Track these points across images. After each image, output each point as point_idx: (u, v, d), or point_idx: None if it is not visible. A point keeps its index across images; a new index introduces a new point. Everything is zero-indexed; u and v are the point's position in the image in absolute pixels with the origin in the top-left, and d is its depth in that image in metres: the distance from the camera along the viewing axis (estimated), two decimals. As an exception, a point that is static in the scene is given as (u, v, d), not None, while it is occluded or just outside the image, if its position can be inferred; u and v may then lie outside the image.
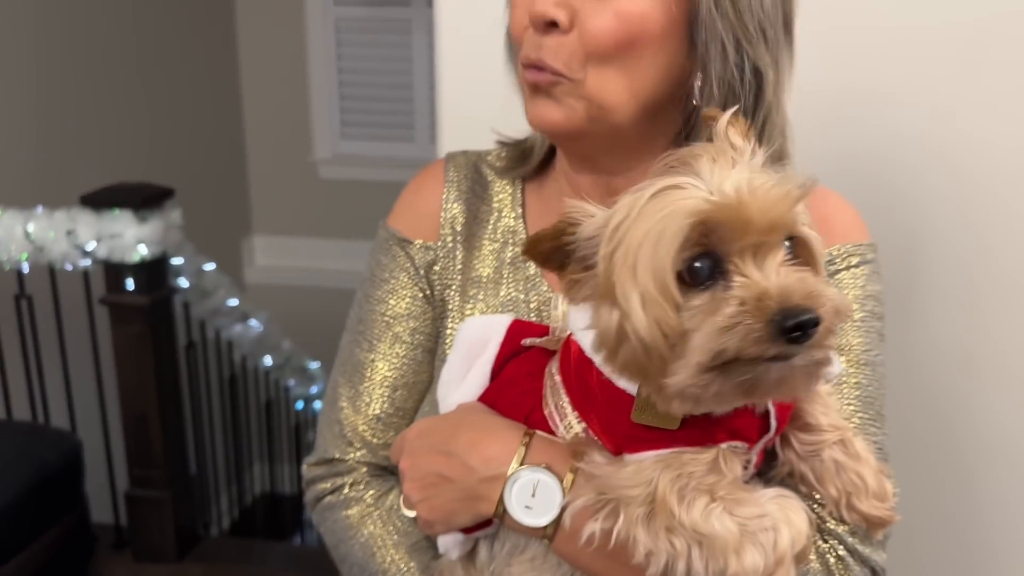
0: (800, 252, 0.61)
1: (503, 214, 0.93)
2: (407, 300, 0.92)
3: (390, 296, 0.92)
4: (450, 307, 0.91)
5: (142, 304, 2.60)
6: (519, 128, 0.94)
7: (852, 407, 0.84)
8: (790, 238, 0.60)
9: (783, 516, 0.64)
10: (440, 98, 1.41)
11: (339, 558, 0.91)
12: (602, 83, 0.76)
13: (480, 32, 1.36)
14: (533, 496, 0.71)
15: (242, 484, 3.33)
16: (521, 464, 0.71)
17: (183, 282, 2.74)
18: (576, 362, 0.70)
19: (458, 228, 0.92)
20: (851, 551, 0.77)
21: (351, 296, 0.99)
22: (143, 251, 2.52)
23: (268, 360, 3.13)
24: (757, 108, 0.79)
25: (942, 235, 1.33)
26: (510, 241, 0.92)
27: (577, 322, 0.70)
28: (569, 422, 0.71)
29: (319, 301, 4.39)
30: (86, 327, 2.73)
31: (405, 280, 0.92)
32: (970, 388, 1.40)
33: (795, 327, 0.55)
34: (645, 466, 0.64)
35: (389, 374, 0.91)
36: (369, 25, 4.24)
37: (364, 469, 0.91)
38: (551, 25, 0.76)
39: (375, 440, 0.91)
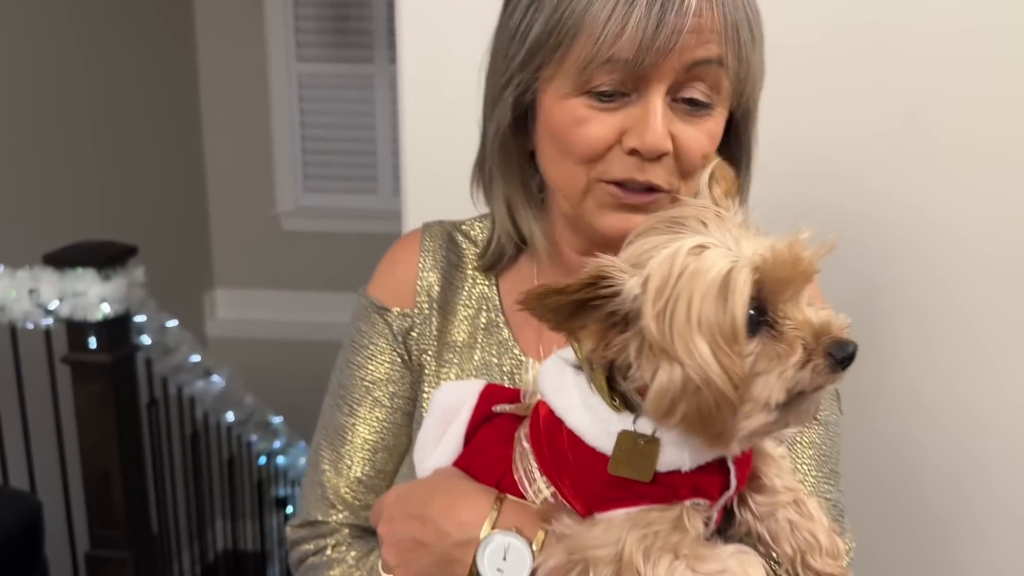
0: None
1: (477, 281, 0.97)
2: (386, 365, 0.96)
3: (369, 362, 0.96)
4: (427, 372, 0.95)
5: (104, 362, 2.59)
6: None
7: (807, 466, 0.88)
8: None
9: (742, 572, 0.67)
10: (404, 152, 1.46)
11: None
12: (688, 190, 0.82)
13: (442, 85, 1.42)
14: (504, 559, 0.74)
15: (204, 541, 3.29)
16: (493, 528, 0.74)
17: (146, 339, 2.74)
18: (546, 425, 0.73)
19: (434, 295, 0.96)
20: None
21: (314, 348, 1.03)
22: (106, 309, 2.52)
23: (230, 416, 3.12)
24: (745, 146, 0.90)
25: (898, 285, 1.40)
26: (484, 307, 0.96)
27: (547, 383, 0.74)
28: (538, 486, 0.74)
29: (282, 353, 4.38)
30: (47, 386, 2.71)
31: (384, 346, 0.96)
32: (928, 435, 1.46)
33: (848, 357, 0.62)
34: (614, 524, 0.67)
35: (370, 437, 0.94)
36: (332, 80, 4.31)
37: (346, 531, 0.94)
38: (661, 155, 0.81)
39: (357, 502, 0.94)
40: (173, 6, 4.15)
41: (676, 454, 0.68)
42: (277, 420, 3.36)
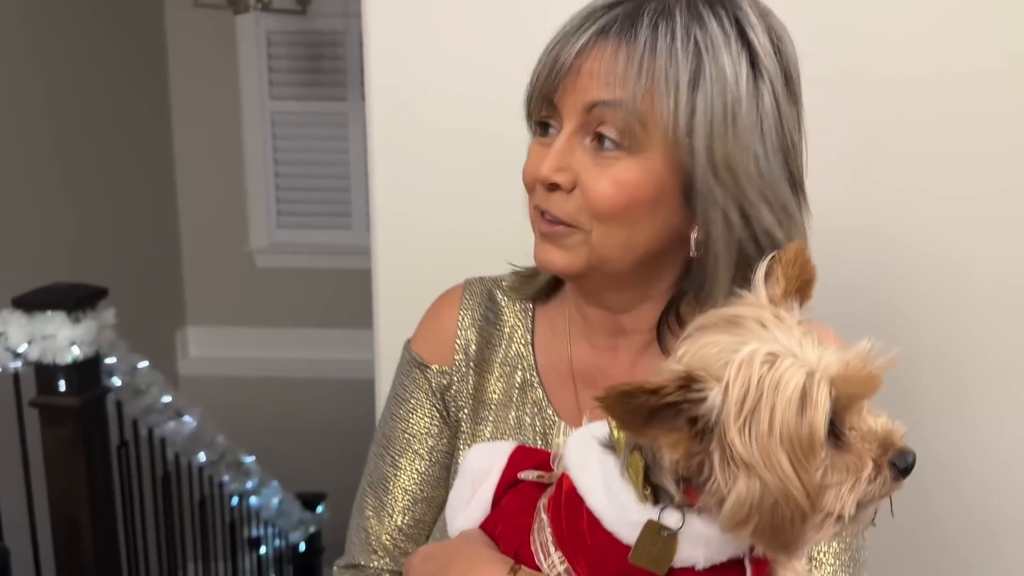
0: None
1: (514, 339, 1.00)
2: (426, 420, 0.99)
3: (411, 415, 1.00)
4: (463, 428, 0.99)
5: (74, 405, 2.56)
6: (451, 213, 1.05)
7: (826, 554, 0.88)
8: None
9: None
10: (373, 190, 1.47)
11: None
12: (605, 237, 0.83)
13: (411, 122, 1.44)
14: None
15: (176, 585, 3.24)
16: None
17: (116, 381, 2.71)
18: (567, 500, 0.74)
19: (471, 353, 0.99)
20: None
21: (287, 385, 1.05)
22: (76, 352, 2.50)
23: (202, 456, 3.08)
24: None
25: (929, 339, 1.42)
26: (519, 366, 0.98)
27: (572, 458, 0.74)
28: (552, 560, 0.75)
29: (255, 391, 4.35)
30: (15, 430, 2.68)
31: (423, 401, 1.00)
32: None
33: (909, 467, 0.63)
34: None
35: (410, 488, 0.98)
36: (305, 118, 4.33)
37: (387, 575, 0.98)
38: (554, 186, 0.84)
39: (397, 550, 0.98)
40: (145, 45, 4.16)
41: (691, 550, 0.68)
42: (249, 460, 3.32)
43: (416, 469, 0.99)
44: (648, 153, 0.81)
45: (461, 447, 0.98)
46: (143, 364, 2.79)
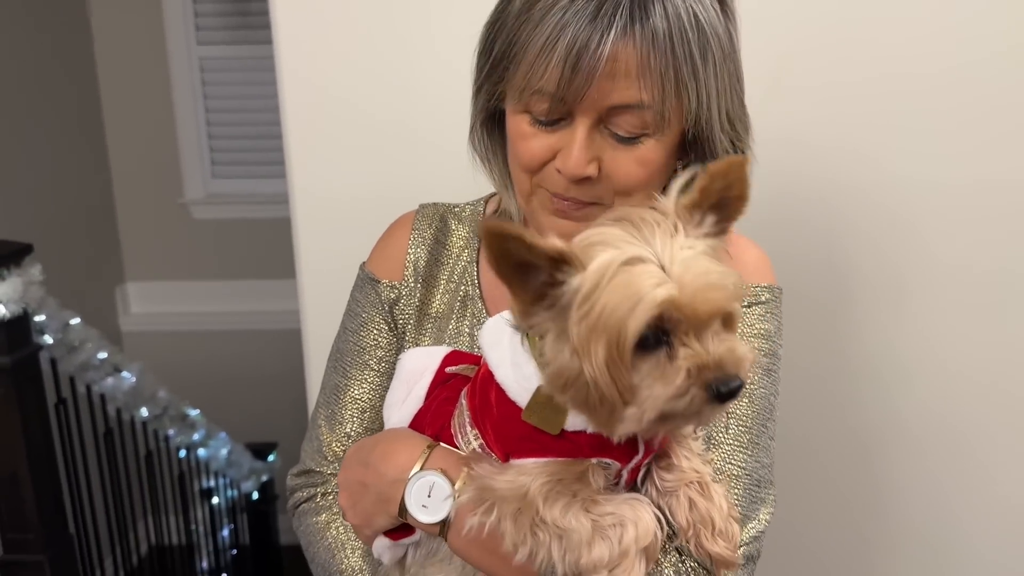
0: (727, 322, 0.70)
1: (461, 257, 1.06)
2: (375, 332, 1.04)
3: (362, 329, 1.05)
4: (407, 339, 1.04)
5: (5, 364, 2.52)
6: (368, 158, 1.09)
7: (723, 434, 0.92)
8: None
9: (632, 515, 0.73)
10: (286, 136, 1.45)
11: (309, 558, 1.02)
12: (625, 204, 0.87)
13: (322, 67, 1.41)
14: (429, 496, 0.82)
15: (127, 542, 3.23)
16: (421, 469, 0.82)
17: (48, 339, 2.67)
18: (482, 380, 0.80)
19: (420, 269, 1.05)
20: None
21: (230, 337, 1.07)
22: (2, 311, 2.45)
23: (145, 411, 3.06)
24: None
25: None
26: (464, 282, 1.05)
27: (485, 338, 0.80)
28: (468, 438, 0.81)
29: (199, 345, 4.31)
30: (-55, 392, 2.62)
31: (374, 315, 1.05)
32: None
33: (728, 393, 0.66)
34: (524, 470, 0.74)
35: (360, 397, 1.03)
36: (234, 63, 4.22)
37: (335, 481, 1.01)
38: (584, 179, 0.87)
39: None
40: (62, -8, 4.00)
41: (576, 416, 0.73)
42: (194, 413, 3.31)
43: (366, 379, 1.03)
44: (669, 129, 0.85)
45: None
46: (75, 320, 2.74)
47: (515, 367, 0.77)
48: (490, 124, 0.97)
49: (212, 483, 3.57)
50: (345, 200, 1.45)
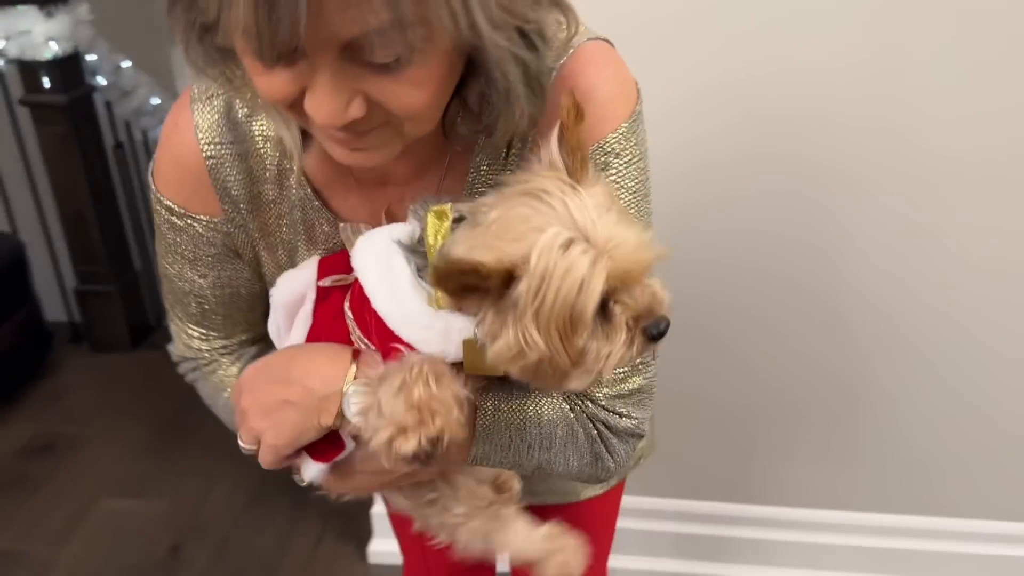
0: None
1: (284, 173, 0.88)
2: (204, 245, 0.91)
3: (188, 250, 0.92)
4: (264, 261, 0.93)
5: (61, 103, 2.62)
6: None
7: None
8: None
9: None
10: None
11: (212, 408, 1.02)
12: (416, 125, 0.73)
13: None
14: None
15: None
16: (355, 378, 0.81)
17: (101, 80, 2.74)
18: (359, 299, 0.81)
19: (236, 194, 0.88)
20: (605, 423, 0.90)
21: None
22: (55, 48, 2.51)
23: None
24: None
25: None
26: (298, 204, 0.89)
27: (358, 262, 0.79)
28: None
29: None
30: (9, 130, 2.76)
31: (200, 240, 0.91)
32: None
33: (660, 334, 0.72)
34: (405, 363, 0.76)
35: (204, 295, 0.95)
36: None
37: (219, 348, 1.00)
38: (350, 123, 0.70)
39: (211, 344, 0.99)
40: None
41: (442, 345, 0.76)
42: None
43: (207, 278, 0.93)
44: (432, 40, 0.65)
45: (269, 278, 0.93)
46: (127, 63, 2.80)
47: (396, 301, 0.76)
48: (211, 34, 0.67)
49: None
50: None
